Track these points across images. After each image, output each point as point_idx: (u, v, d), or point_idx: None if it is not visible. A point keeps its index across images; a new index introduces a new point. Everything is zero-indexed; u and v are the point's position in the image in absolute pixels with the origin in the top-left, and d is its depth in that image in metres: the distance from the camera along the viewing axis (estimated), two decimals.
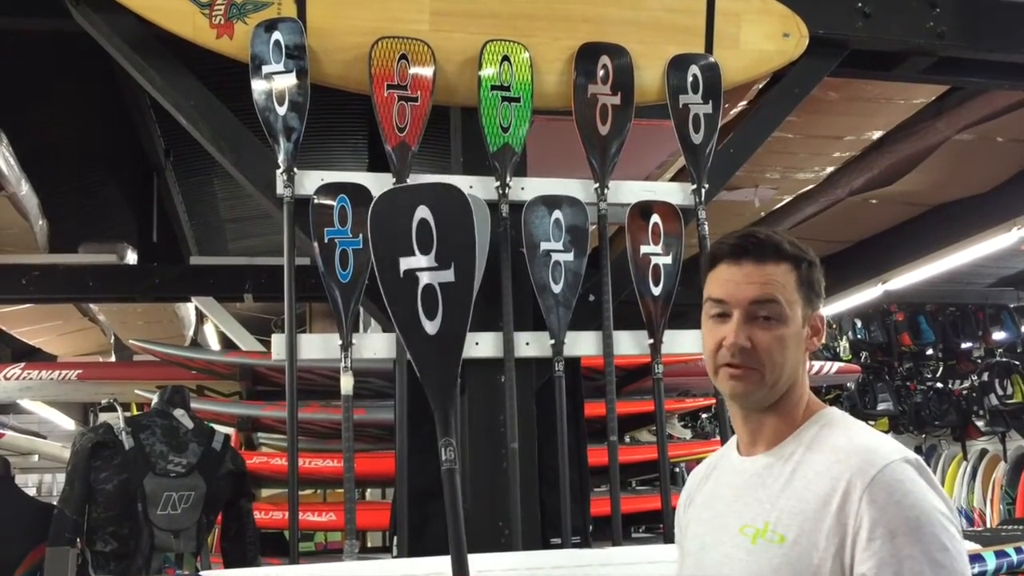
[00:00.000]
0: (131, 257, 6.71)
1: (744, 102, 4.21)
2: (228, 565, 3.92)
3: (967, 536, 2.80)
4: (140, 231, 6.84)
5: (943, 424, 9.71)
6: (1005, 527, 4.60)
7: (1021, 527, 3.65)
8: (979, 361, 9.42)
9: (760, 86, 3.98)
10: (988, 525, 8.90)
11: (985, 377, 9.22)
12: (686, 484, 1.78)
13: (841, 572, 1.37)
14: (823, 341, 1.61)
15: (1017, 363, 9.10)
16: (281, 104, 2.96)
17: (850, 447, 1.44)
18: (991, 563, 2.57)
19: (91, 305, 7.76)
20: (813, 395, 1.59)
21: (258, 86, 2.97)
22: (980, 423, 9.67)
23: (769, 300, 1.51)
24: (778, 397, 1.53)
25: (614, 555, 2.70)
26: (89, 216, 7.32)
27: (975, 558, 2.56)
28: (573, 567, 2.32)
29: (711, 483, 1.67)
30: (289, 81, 2.97)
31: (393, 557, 3.09)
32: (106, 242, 6.62)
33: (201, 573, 2.84)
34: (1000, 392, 9.07)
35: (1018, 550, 2.61)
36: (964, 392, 9.59)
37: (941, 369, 9.74)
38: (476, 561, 2.53)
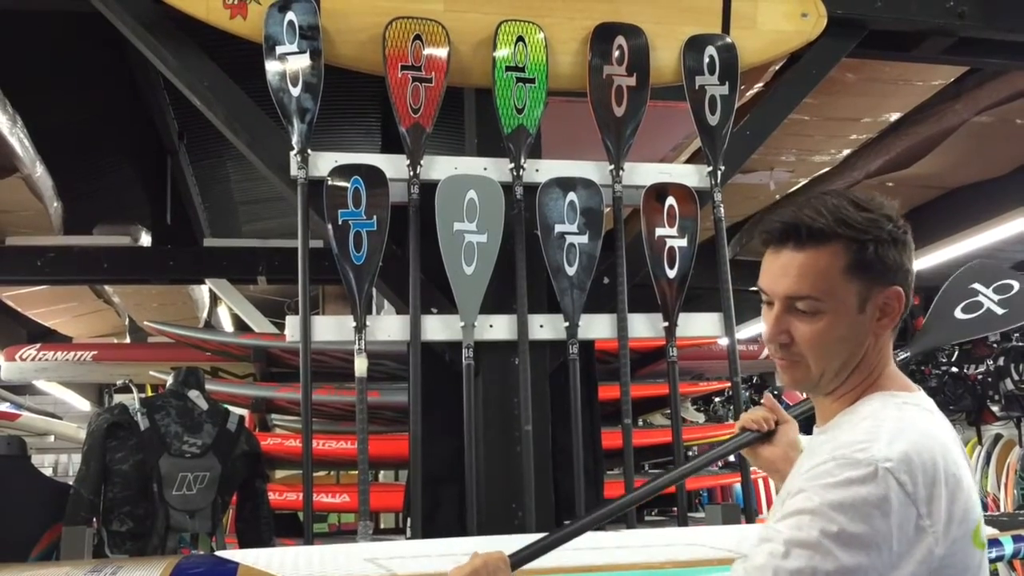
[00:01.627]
0: (145, 239, 6.73)
1: (760, 84, 4.18)
2: (243, 545, 3.94)
3: (984, 521, 2.78)
4: (154, 213, 6.85)
5: (958, 409, 9.64)
6: (1022, 512, 4.58)
7: None
8: (995, 346, 9.34)
9: (777, 67, 3.95)
10: (1003, 510, 8.87)
11: (1001, 362, 9.14)
12: None
13: None
14: (896, 320, 1.44)
15: None
16: (295, 85, 2.95)
17: (842, 437, 1.35)
18: (1008, 547, 2.56)
19: (106, 287, 7.79)
20: (890, 374, 1.45)
21: (272, 67, 2.96)
22: (995, 408, 9.59)
23: (802, 296, 1.39)
24: (837, 384, 1.44)
25: (628, 537, 2.69)
26: (103, 198, 7.33)
27: (992, 543, 2.55)
28: (587, 549, 2.31)
29: None
30: (303, 62, 2.96)
31: (407, 538, 3.10)
32: (120, 224, 6.63)
33: (216, 553, 2.85)
34: (1016, 377, 8.99)
35: None
36: (979, 377, 9.53)
37: (956, 354, 9.67)
38: (489, 542, 2.54)
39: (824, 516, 1.25)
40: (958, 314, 2.43)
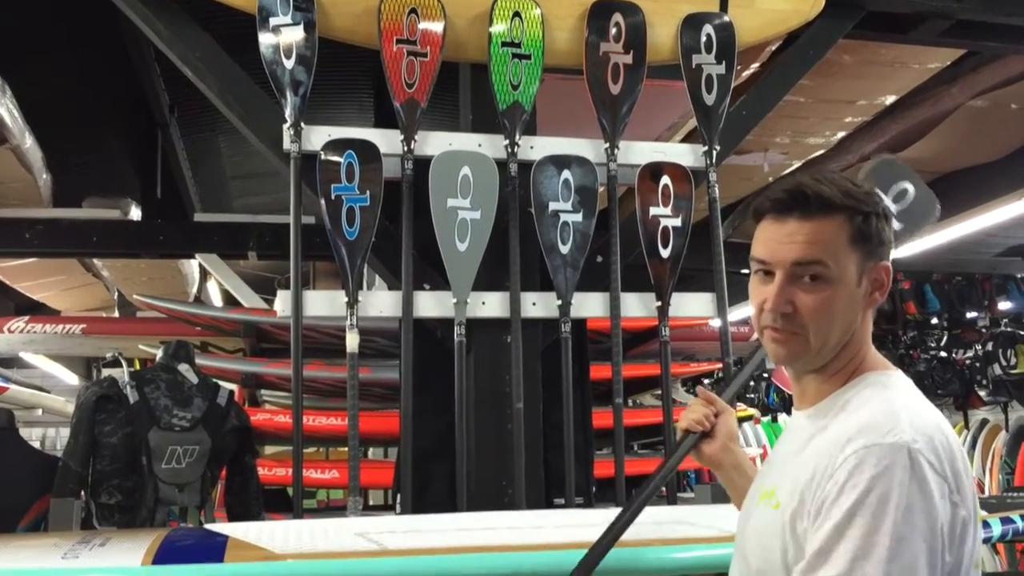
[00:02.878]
0: (135, 213, 6.68)
1: (757, 64, 4.16)
2: (232, 519, 3.94)
3: None
4: (144, 187, 6.81)
5: (946, 393, 9.69)
6: (1011, 494, 4.61)
7: None
8: (984, 331, 9.39)
9: (773, 48, 3.93)
10: (987, 494, 8.94)
11: (990, 347, 9.20)
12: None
13: (806, 542, 1.31)
14: (886, 295, 1.46)
15: (1022, 333, 9.07)
16: (288, 57, 2.92)
17: (856, 419, 1.35)
18: (996, 529, 2.57)
19: (95, 261, 7.75)
20: (872, 353, 1.47)
21: (265, 39, 2.93)
22: (983, 393, 9.66)
23: (812, 261, 1.38)
24: (828, 359, 1.44)
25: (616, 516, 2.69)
26: (93, 171, 7.27)
27: (981, 524, 2.56)
28: (576, 526, 2.31)
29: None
30: (297, 34, 2.93)
31: (396, 515, 3.10)
32: (110, 197, 6.58)
33: (205, 526, 2.85)
34: (1004, 362, 9.05)
35: (1023, 517, 2.61)
36: (968, 362, 9.58)
37: (946, 338, 9.71)
38: (479, 519, 2.54)
39: (876, 515, 1.24)
40: None
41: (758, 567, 1.40)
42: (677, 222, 3.13)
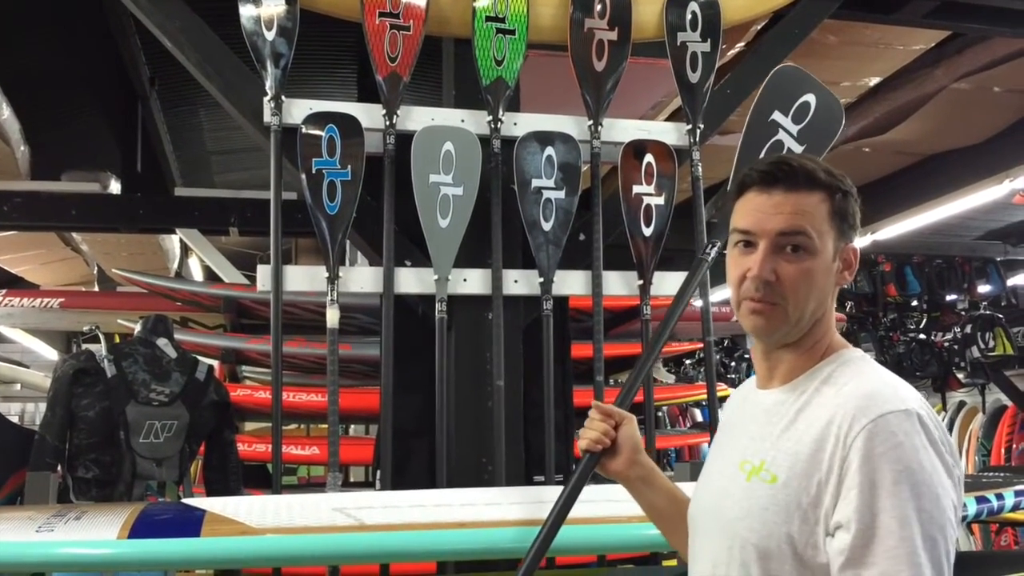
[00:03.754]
0: (115, 187, 6.63)
1: (742, 43, 4.14)
2: (211, 494, 3.92)
3: None
4: (124, 160, 6.73)
5: (924, 375, 9.78)
6: (986, 474, 4.66)
7: (1002, 475, 3.69)
8: (963, 314, 9.46)
9: (759, 27, 3.91)
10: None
11: (968, 329, 9.27)
12: (723, 410, 1.77)
13: (825, 518, 1.34)
14: (853, 275, 1.52)
15: (1001, 316, 9.14)
16: (270, 29, 2.89)
17: (853, 392, 1.38)
18: (972, 508, 2.60)
19: (74, 235, 7.68)
20: (837, 333, 1.52)
21: (246, 11, 2.89)
22: (961, 375, 9.75)
23: (797, 231, 1.43)
24: (802, 334, 1.47)
25: (596, 492, 2.70)
26: (72, 144, 7.19)
27: None
28: (554, 502, 2.32)
29: (733, 409, 1.65)
30: (278, 5, 2.90)
31: (376, 491, 3.10)
32: (89, 171, 6.52)
33: (184, 500, 2.84)
34: (982, 345, 9.12)
35: (999, 496, 2.64)
36: (946, 344, 9.65)
37: (925, 320, 9.78)
38: (458, 495, 2.54)
39: (910, 482, 1.29)
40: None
41: (757, 543, 1.39)
42: (660, 200, 3.12)
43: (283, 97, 2.89)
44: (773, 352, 1.51)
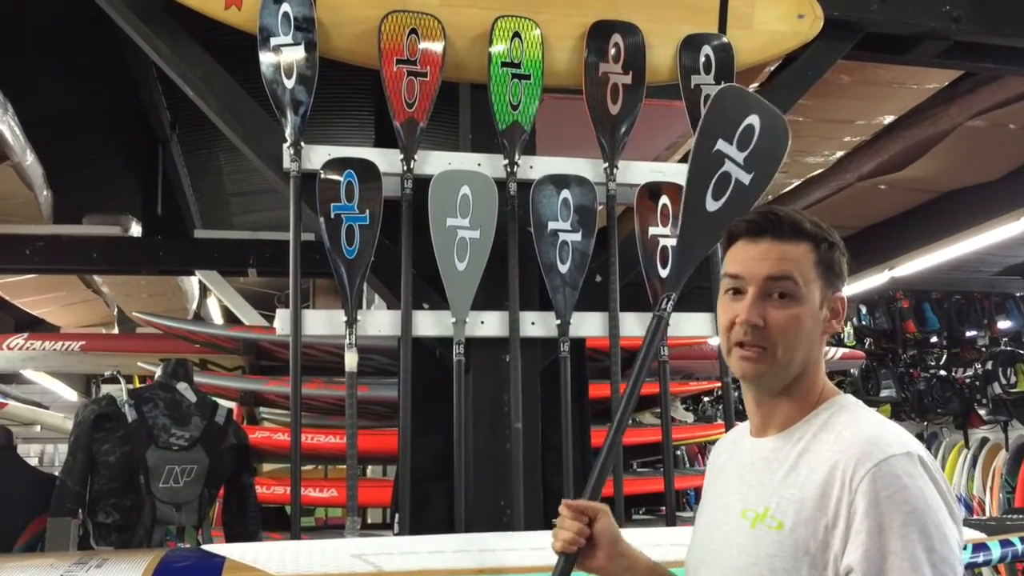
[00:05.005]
0: (135, 229, 6.70)
1: (756, 84, 4.17)
2: (230, 539, 3.92)
3: (972, 525, 2.79)
4: (145, 204, 6.83)
5: (946, 412, 9.69)
6: (1010, 516, 4.59)
7: None
8: (983, 349, 9.39)
9: (772, 68, 3.94)
10: (987, 513, 8.91)
11: (989, 366, 9.19)
12: (710, 456, 1.75)
13: (835, 563, 1.35)
14: (843, 325, 1.57)
15: (1022, 352, 9.07)
16: (289, 77, 2.93)
17: (854, 437, 1.41)
18: (996, 552, 2.56)
19: (95, 277, 7.75)
20: (828, 381, 1.55)
21: (266, 58, 2.94)
22: (983, 412, 9.65)
23: (784, 277, 1.47)
24: (791, 379, 1.50)
25: None
26: (94, 188, 7.29)
27: (980, 547, 2.56)
28: None
29: (724, 459, 1.65)
30: (298, 54, 2.94)
31: (395, 534, 3.09)
32: (110, 214, 6.60)
33: (203, 546, 2.84)
34: (1004, 381, 9.04)
35: (1023, 540, 2.60)
36: (967, 380, 9.57)
37: (945, 357, 9.71)
38: (476, 539, 2.53)
39: (917, 522, 1.31)
40: (710, 204, 2.15)
41: None
42: (675, 241, 3.13)
43: (302, 143, 2.93)
44: (766, 400, 1.54)
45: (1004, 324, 9.13)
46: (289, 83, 2.93)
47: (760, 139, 2.14)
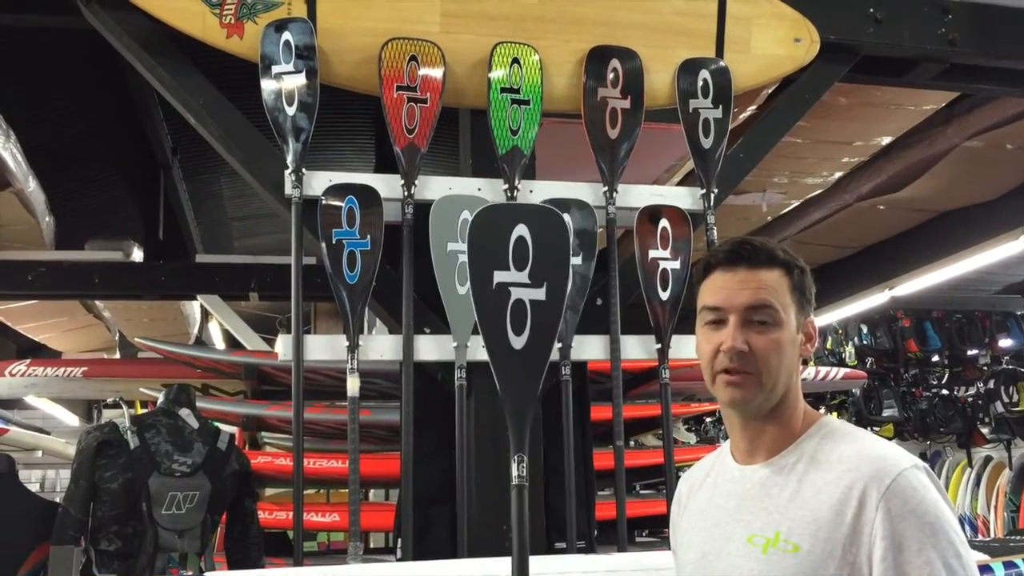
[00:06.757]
0: (137, 254, 6.72)
1: (754, 107, 4.20)
2: (232, 565, 3.91)
3: (975, 546, 2.79)
4: (146, 229, 6.86)
5: (948, 431, 9.67)
6: (1013, 537, 4.58)
7: None
8: (985, 368, 9.38)
9: (770, 91, 3.97)
10: (992, 533, 8.87)
11: (991, 384, 9.18)
12: (678, 487, 1.75)
13: None
14: (815, 348, 1.61)
15: None
16: (290, 104, 2.96)
17: (860, 455, 1.44)
18: (1000, 574, 2.56)
19: (96, 302, 7.77)
20: (806, 403, 1.59)
21: (268, 86, 2.96)
22: (985, 430, 9.63)
23: (764, 305, 1.51)
24: (775, 403, 1.52)
25: (619, 561, 2.68)
26: (95, 213, 7.32)
27: (983, 569, 2.55)
28: (578, 572, 2.31)
29: (707, 490, 1.64)
30: (299, 81, 2.96)
31: (397, 559, 3.08)
32: (112, 239, 6.62)
33: (205, 573, 2.84)
34: (1006, 399, 9.03)
35: None
36: (970, 399, 9.55)
37: (947, 376, 9.70)
38: (479, 565, 2.53)
39: (943, 533, 1.37)
40: (515, 341, 1.96)
41: None
42: (676, 264, 3.14)
43: (303, 170, 2.94)
44: (752, 425, 1.55)
45: (1005, 343, 9.13)
46: (291, 110, 2.95)
47: (536, 246, 1.96)
